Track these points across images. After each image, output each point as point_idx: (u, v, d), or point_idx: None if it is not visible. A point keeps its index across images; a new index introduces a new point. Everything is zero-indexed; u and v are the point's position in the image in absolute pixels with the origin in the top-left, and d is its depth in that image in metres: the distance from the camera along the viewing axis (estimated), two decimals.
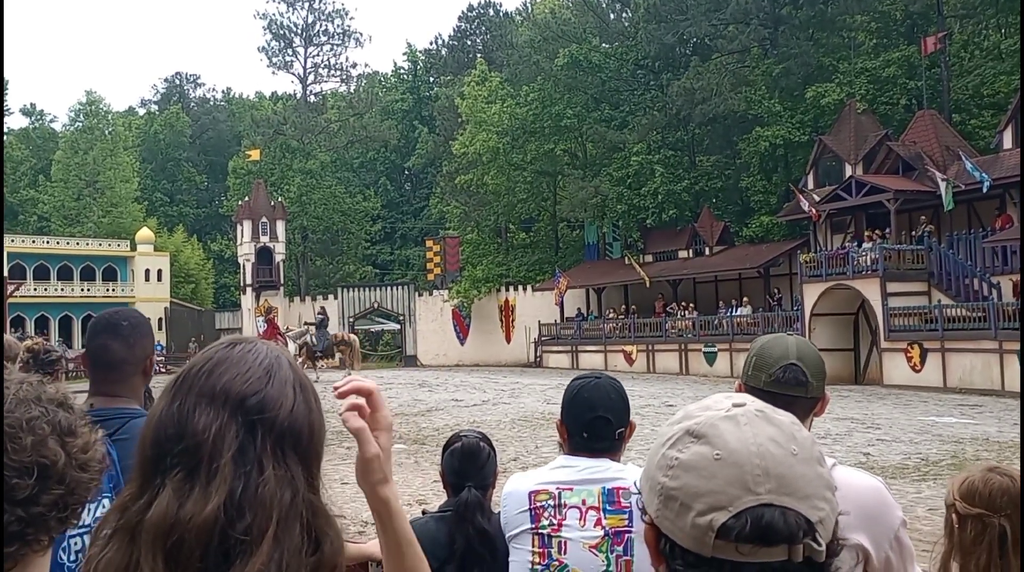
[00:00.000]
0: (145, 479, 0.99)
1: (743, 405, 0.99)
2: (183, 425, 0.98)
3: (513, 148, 46.60)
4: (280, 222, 52.02)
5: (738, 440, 0.94)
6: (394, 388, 30.73)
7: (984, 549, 1.81)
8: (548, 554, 2.42)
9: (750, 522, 0.90)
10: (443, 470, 2.89)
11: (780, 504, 0.91)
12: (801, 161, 38.34)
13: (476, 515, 2.66)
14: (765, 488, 0.92)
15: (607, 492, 2.40)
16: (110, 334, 2.50)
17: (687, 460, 0.96)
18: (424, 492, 11.31)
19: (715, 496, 0.92)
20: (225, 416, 0.98)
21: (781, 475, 0.92)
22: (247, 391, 1.00)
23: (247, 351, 1.05)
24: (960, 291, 28.06)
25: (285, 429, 1.00)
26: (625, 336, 39.99)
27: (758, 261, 36.63)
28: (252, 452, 0.97)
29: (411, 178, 72.84)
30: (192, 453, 0.97)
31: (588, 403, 2.46)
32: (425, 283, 53.70)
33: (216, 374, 1.01)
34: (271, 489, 0.96)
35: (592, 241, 47.67)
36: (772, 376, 2.13)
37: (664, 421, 4.43)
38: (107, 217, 60.69)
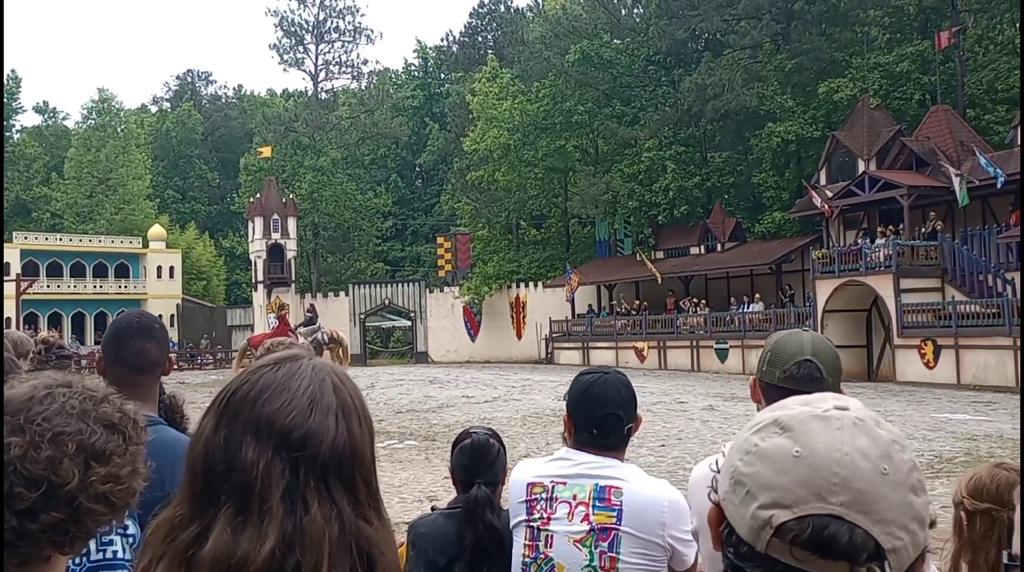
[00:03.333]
0: (196, 505, 0.98)
1: (845, 409, 0.93)
2: (231, 458, 0.98)
3: (524, 144, 46.57)
4: (291, 219, 52.15)
5: (823, 442, 0.89)
6: (405, 384, 30.78)
7: (993, 544, 1.80)
8: (536, 547, 2.43)
9: (811, 529, 0.85)
10: (452, 467, 2.88)
11: (850, 520, 0.86)
12: (814, 157, 38.17)
13: (485, 512, 2.65)
14: (838, 500, 0.86)
15: (599, 488, 2.40)
16: (146, 337, 2.48)
17: (765, 449, 0.92)
18: (435, 488, 11.31)
19: (782, 493, 0.88)
20: (270, 451, 0.98)
21: (860, 491, 0.87)
22: (291, 425, 0.99)
23: (291, 376, 1.03)
24: (974, 287, 27.88)
25: (327, 462, 0.99)
26: (636, 333, 39.93)
27: (770, 257, 36.49)
28: (297, 489, 0.97)
29: (422, 175, 72.90)
30: (242, 489, 0.96)
31: (598, 400, 2.45)
32: (436, 280, 53.76)
33: (260, 402, 1.01)
34: (319, 527, 0.96)
35: (603, 237, 47.60)
36: (787, 372, 2.11)
37: (675, 417, 4.42)
38: (119, 214, 60.99)
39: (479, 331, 49.41)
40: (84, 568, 2.03)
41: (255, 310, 51.55)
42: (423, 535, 2.75)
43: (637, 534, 2.35)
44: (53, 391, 1.27)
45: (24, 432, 1.21)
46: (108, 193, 61.28)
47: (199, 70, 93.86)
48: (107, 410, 1.29)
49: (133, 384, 2.41)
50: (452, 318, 50.19)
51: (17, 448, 1.19)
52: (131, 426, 1.31)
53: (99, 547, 2.05)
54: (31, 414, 1.22)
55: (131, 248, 56.37)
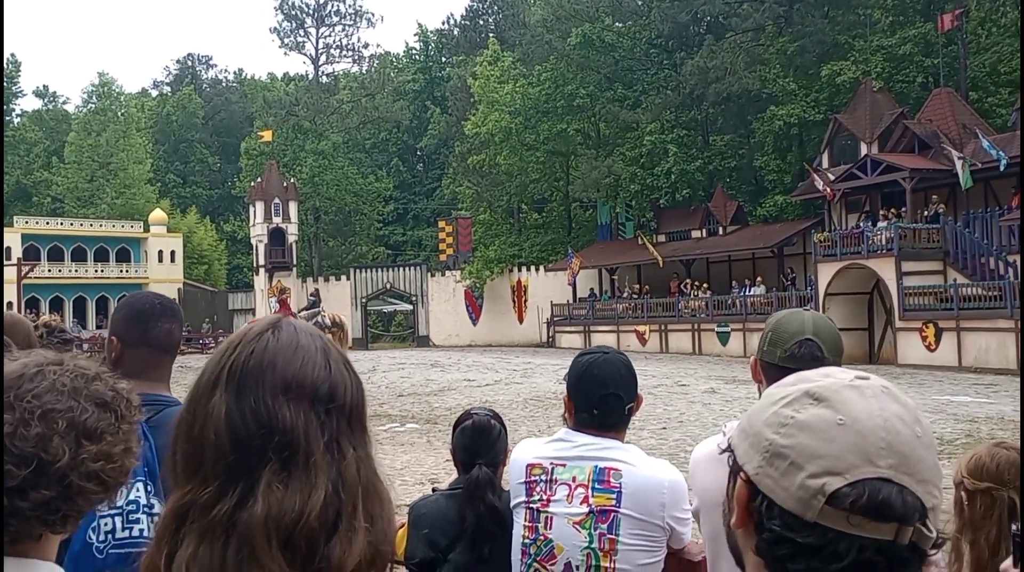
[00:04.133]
0: (231, 476, 0.97)
1: (867, 379, 0.96)
2: (267, 421, 0.98)
3: (526, 128, 46.42)
4: (293, 203, 52.08)
5: (864, 410, 0.91)
6: (407, 368, 30.83)
7: (994, 523, 1.81)
8: (536, 528, 2.44)
9: (868, 493, 0.87)
10: (454, 448, 2.88)
11: (899, 482, 0.88)
12: (816, 140, 38.05)
13: (487, 493, 2.65)
14: (886, 463, 0.89)
15: (598, 470, 2.39)
16: (170, 318, 2.48)
17: (805, 420, 0.92)
18: (436, 471, 11.34)
19: (832, 460, 0.89)
20: (305, 407, 1.00)
21: (904, 453, 0.90)
22: (317, 379, 1.02)
23: (294, 336, 1.05)
24: (976, 270, 27.85)
25: (351, 410, 1.03)
26: (638, 316, 39.95)
27: (772, 241, 36.44)
28: (332, 437, 1.00)
29: (423, 159, 72.74)
30: (285, 448, 0.98)
31: (598, 380, 2.44)
32: (437, 264, 53.75)
33: (280, 366, 1.01)
34: (352, 469, 1.00)
35: (605, 221, 47.53)
36: (787, 351, 2.11)
37: (676, 400, 4.40)
38: (120, 198, 60.92)
39: (480, 315, 49.44)
40: (109, 546, 2.02)
41: (256, 294, 51.59)
42: (424, 516, 2.75)
43: (637, 516, 2.35)
44: (44, 369, 1.26)
45: (14, 409, 1.20)
46: (109, 177, 61.19)
47: (199, 54, 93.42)
48: (99, 388, 1.28)
49: (157, 364, 2.42)
50: (453, 302, 50.21)
51: (7, 425, 1.18)
52: (124, 405, 1.30)
53: (125, 525, 2.05)
54: (21, 391, 1.21)
55: (132, 232, 56.35)
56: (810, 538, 0.89)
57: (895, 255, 28.28)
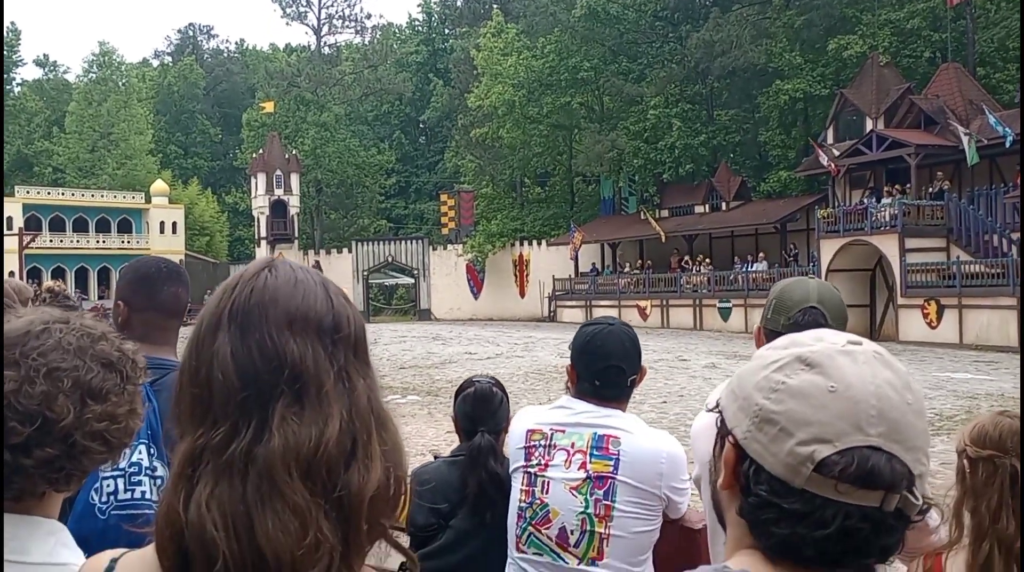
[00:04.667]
0: (240, 416, 0.97)
1: (859, 344, 0.95)
2: (277, 357, 0.98)
3: (529, 101, 46.17)
4: (294, 175, 51.95)
5: (856, 377, 0.91)
6: (408, 341, 30.89)
7: (995, 490, 1.81)
8: (532, 492, 2.44)
9: (856, 462, 0.88)
10: (455, 416, 2.88)
11: (888, 450, 0.89)
12: (821, 115, 37.83)
13: (489, 459, 2.66)
14: (876, 431, 0.89)
15: (597, 437, 2.40)
16: (177, 282, 2.48)
17: (796, 386, 0.92)
18: (437, 442, 11.39)
19: (822, 428, 0.89)
20: (312, 340, 1.00)
21: (894, 421, 0.90)
22: (321, 312, 1.01)
23: (292, 272, 1.05)
24: (979, 247, 27.78)
25: (356, 340, 1.04)
26: (639, 291, 39.95)
27: (775, 216, 36.35)
28: (341, 368, 1.00)
29: (426, 131, 72.44)
30: (296, 381, 0.97)
31: (601, 352, 2.44)
32: (439, 237, 53.70)
33: (282, 301, 1.01)
34: (363, 398, 1.00)
35: (608, 196, 47.41)
36: (791, 319, 2.10)
37: (677, 375, 4.40)
38: (121, 169, 60.74)
39: (482, 289, 49.46)
40: (111, 507, 2.03)
41: None
42: (426, 482, 2.76)
43: (634, 484, 2.35)
44: (50, 326, 1.25)
45: (19, 366, 1.19)
46: (110, 148, 60.99)
47: (200, 24, 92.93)
48: (105, 348, 1.28)
49: (165, 328, 2.41)
50: (455, 276, 50.21)
51: (11, 382, 1.18)
52: (130, 366, 1.30)
53: (127, 487, 2.05)
54: (27, 349, 1.21)
55: (134, 203, 56.26)
56: (796, 504, 0.89)
57: (898, 232, 28.21)
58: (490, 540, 2.62)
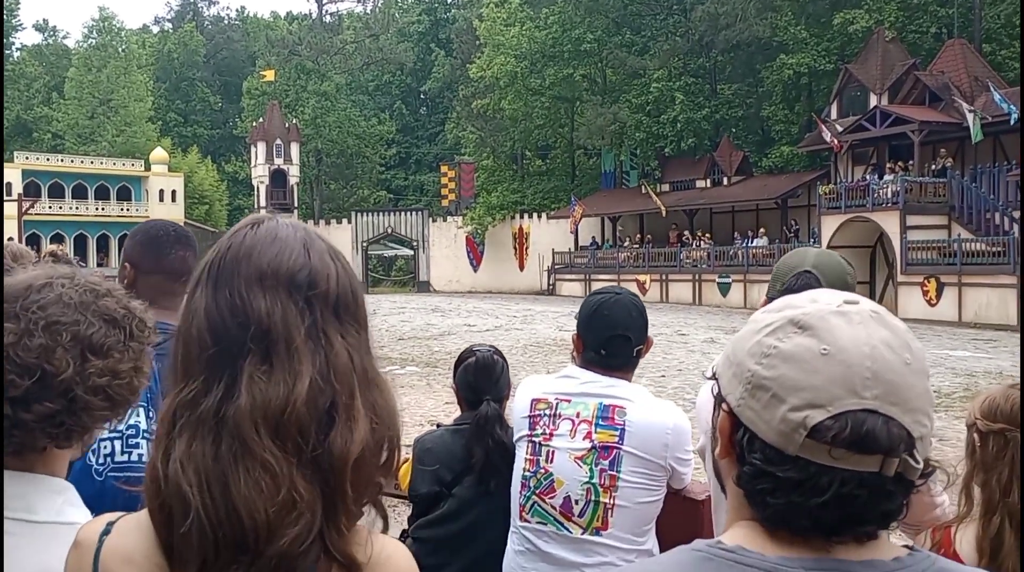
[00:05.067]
0: (213, 370, 0.97)
1: (856, 303, 0.92)
2: (244, 313, 0.97)
3: (531, 73, 45.85)
4: (294, 144, 51.72)
5: (849, 338, 0.88)
6: (407, 312, 30.91)
7: (1006, 464, 1.80)
8: (537, 462, 2.44)
9: (850, 426, 0.85)
10: (457, 386, 2.86)
11: (884, 413, 0.86)
12: (825, 90, 37.61)
13: (495, 428, 2.65)
14: (872, 393, 0.86)
15: (603, 407, 2.39)
16: (184, 246, 2.45)
17: (788, 350, 0.89)
18: (436, 413, 11.42)
19: (815, 392, 0.86)
20: (283, 296, 0.97)
21: (891, 382, 0.86)
22: (294, 267, 0.99)
23: (275, 229, 1.03)
24: (981, 225, 27.73)
25: (338, 298, 1.00)
26: (639, 265, 39.93)
27: (776, 192, 36.24)
28: (316, 326, 0.98)
29: (427, 102, 72.02)
30: (263, 338, 0.96)
31: (608, 321, 2.42)
32: (439, 209, 53.57)
33: (256, 256, 0.99)
34: (344, 358, 0.97)
35: (609, 169, 47.23)
36: (785, 284, 2.09)
37: (676, 349, 4.37)
38: (121, 136, 60.45)
39: (481, 261, 49.43)
40: (108, 468, 2.02)
41: None
42: (429, 450, 2.75)
43: (639, 454, 2.34)
44: (52, 281, 1.25)
45: (19, 319, 1.19)
46: (109, 114, 60.64)
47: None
48: (108, 304, 1.26)
49: (170, 292, 2.39)
50: (455, 248, 50.15)
51: (11, 335, 1.18)
52: (135, 323, 1.28)
53: (124, 449, 2.05)
54: (27, 302, 1.20)
55: (133, 171, 56.02)
56: (791, 472, 0.87)
57: (900, 209, 28.14)
58: (493, 509, 2.62)
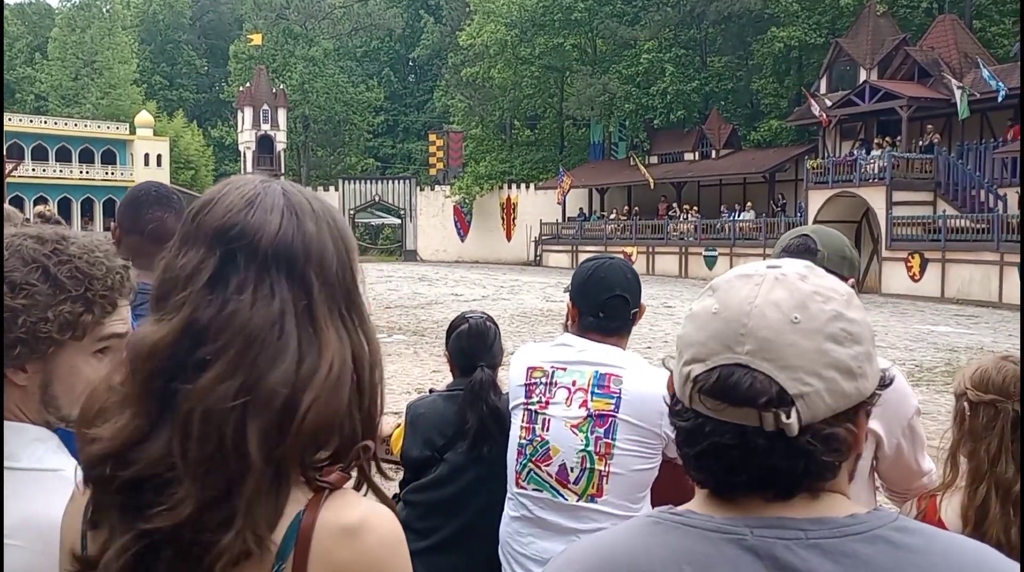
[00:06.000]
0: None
1: (777, 267, 0.95)
2: (171, 268, 1.00)
3: (521, 41, 45.50)
4: (281, 110, 51.27)
5: (739, 298, 0.92)
6: (394, 281, 30.87)
7: (996, 435, 1.82)
8: (532, 429, 2.45)
9: (719, 377, 0.89)
10: (450, 352, 2.86)
11: (755, 367, 0.89)
12: (815, 64, 37.54)
13: (489, 393, 2.67)
14: (744, 348, 0.90)
15: (599, 376, 2.40)
16: (164, 207, 2.45)
17: (694, 311, 0.97)
18: (423, 381, 11.46)
19: (699, 348, 0.92)
20: (204, 250, 0.98)
21: (765, 339, 0.89)
22: (228, 222, 0.99)
23: (234, 188, 1.04)
24: (966, 202, 27.88)
25: (269, 253, 0.98)
26: (626, 237, 39.95)
27: (764, 166, 36.26)
28: (228, 277, 0.97)
29: (415, 69, 71.39)
30: (168, 286, 0.99)
31: (605, 283, 2.43)
32: (427, 178, 53.33)
33: (202, 214, 1.02)
34: (243, 311, 0.95)
35: (597, 140, 47.09)
36: (783, 248, 2.13)
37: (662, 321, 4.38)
38: (105, 99, 59.71)
39: (469, 231, 49.32)
40: None
41: None
42: (422, 415, 2.77)
43: (635, 422, 2.36)
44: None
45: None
46: (94, 76, 59.84)
47: None
48: (27, 245, 1.31)
49: (148, 254, 2.38)
50: (442, 217, 50.00)
51: None
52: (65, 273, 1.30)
53: None
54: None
55: (118, 134, 55.42)
56: (685, 422, 0.94)
57: (886, 184, 28.24)
58: (484, 474, 2.64)
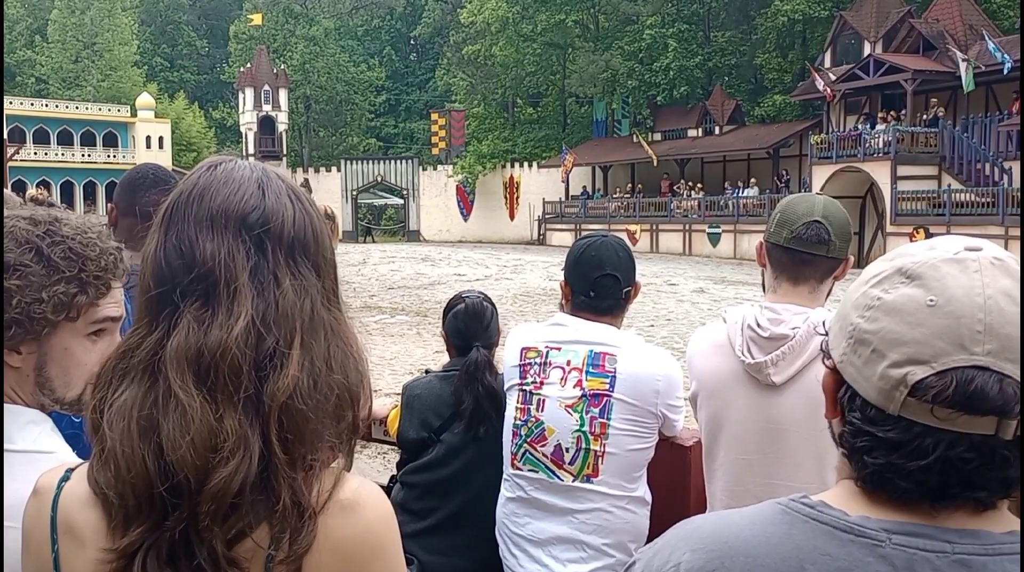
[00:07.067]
0: (153, 316, 0.96)
1: (978, 250, 0.84)
2: (189, 254, 0.95)
3: (523, 18, 45.18)
4: (283, 90, 51.07)
5: (962, 287, 0.80)
6: (397, 261, 30.86)
7: None
8: (528, 410, 2.44)
9: (956, 384, 0.77)
10: (446, 332, 2.85)
11: (998, 369, 0.77)
12: (819, 38, 37.25)
13: (485, 374, 2.65)
14: (984, 348, 0.78)
15: (593, 355, 2.38)
16: (160, 190, 2.45)
17: (892, 301, 0.83)
18: (425, 361, 11.47)
19: (918, 347, 0.79)
20: (230, 237, 0.95)
21: (1008, 336, 0.78)
22: (246, 208, 0.97)
23: (231, 170, 1.01)
24: (971, 175, 27.74)
25: (293, 239, 0.98)
26: (630, 215, 39.85)
27: (768, 141, 36.07)
28: (266, 268, 0.95)
29: (417, 48, 70.98)
30: (205, 280, 0.94)
31: (596, 261, 2.41)
32: (430, 157, 53.16)
33: (208, 198, 0.97)
34: (291, 300, 0.95)
35: (600, 118, 46.86)
36: (794, 232, 2.07)
37: (665, 299, 4.36)
38: (106, 81, 59.49)
39: (472, 211, 49.23)
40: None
41: None
42: (418, 396, 2.75)
43: (630, 401, 2.34)
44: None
45: None
46: (94, 58, 59.61)
47: None
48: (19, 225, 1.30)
49: (143, 236, 2.36)
50: (445, 197, 49.89)
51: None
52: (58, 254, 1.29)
53: None
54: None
55: (119, 117, 55.30)
56: (892, 432, 0.81)
57: (891, 159, 28.08)
58: (481, 454, 2.63)
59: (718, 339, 2.16)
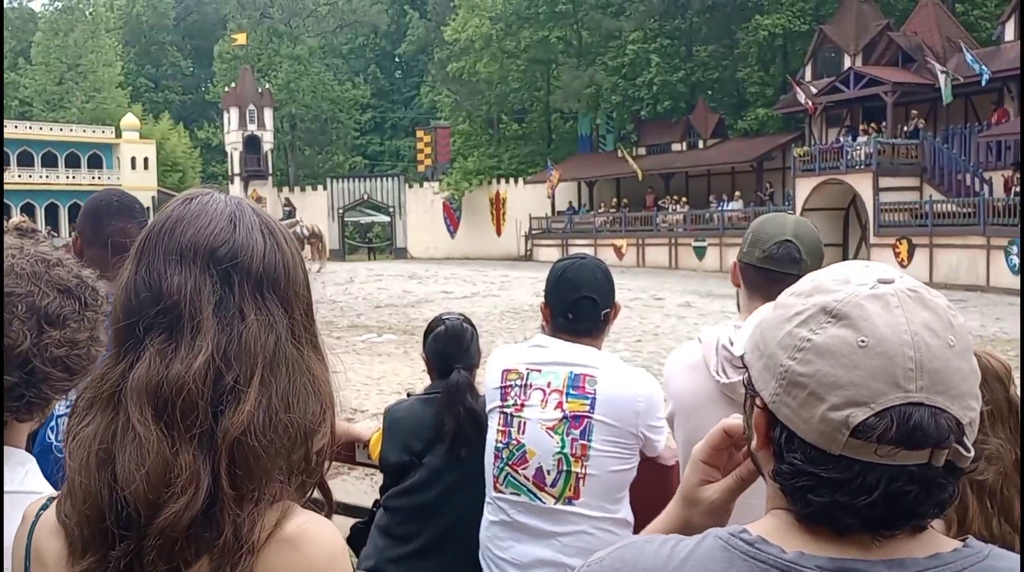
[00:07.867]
0: (119, 346, 0.97)
1: (891, 282, 0.85)
2: (156, 287, 0.96)
3: (507, 35, 45.39)
4: (268, 110, 51.05)
5: (889, 326, 0.81)
6: (384, 280, 30.81)
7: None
8: (508, 433, 2.45)
9: (896, 423, 0.79)
10: (427, 354, 2.86)
11: (931, 404, 0.80)
12: (800, 52, 37.59)
13: (466, 396, 2.66)
14: (917, 384, 0.80)
15: (573, 376, 2.39)
16: (125, 217, 2.43)
17: (823, 344, 0.83)
18: (413, 381, 11.44)
19: (856, 389, 0.81)
20: (197, 271, 0.96)
21: (936, 370, 0.80)
22: (215, 242, 0.98)
23: (205, 203, 1.01)
24: (952, 186, 27.97)
25: (261, 274, 0.98)
26: (616, 230, 39.96)
27: (752, 155, 36.30)
28: (232, 302, 0.96)
29: (402, 66, 71.20)
30: (170, 312, 0.95)
31: (573, 283, 2.43)
32: (415, 175, 53.18)
33: (179, 231, 0.98)
34: (254, 334, 0.95)
35: (585, 133, 47.03)
36: (766, 252, 2.10)
37: (652, 313, 4.36)
38: (91, 102, 59.37)
39: (458, 227, 49.23)
40: None
41: None
42: (399, 420, 2.76)
43: (610, 423, 2.35)
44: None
45: None
46: (78, 80, 59.50)
47: None
48: (61, 274, 1.27)
49: (112, 264, 2.36)
50: (431, 214, 49.89)
51: None
52: (88, 293, 1.28)
53: None
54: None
55: (104, 138, 55.15)
56: (835, 472, 0.82)
57: (873, 171, 28.31)
58: (463, 477, 2.64)
59: (693, 359, 2.19)
